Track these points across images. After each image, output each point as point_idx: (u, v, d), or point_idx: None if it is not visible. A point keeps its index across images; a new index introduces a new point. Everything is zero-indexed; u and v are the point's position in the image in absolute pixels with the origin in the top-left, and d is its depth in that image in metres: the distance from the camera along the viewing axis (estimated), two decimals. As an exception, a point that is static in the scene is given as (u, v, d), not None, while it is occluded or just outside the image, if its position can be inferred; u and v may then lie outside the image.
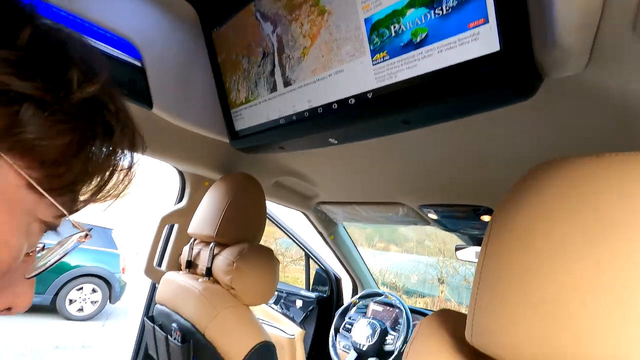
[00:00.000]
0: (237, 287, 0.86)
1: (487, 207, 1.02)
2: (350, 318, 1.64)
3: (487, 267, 0.35)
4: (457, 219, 1.15)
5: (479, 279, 0.36)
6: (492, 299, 0.33)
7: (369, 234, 10.24)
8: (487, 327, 0.33)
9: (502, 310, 0.32)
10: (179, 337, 0.82)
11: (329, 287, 2.03)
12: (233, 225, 0.93)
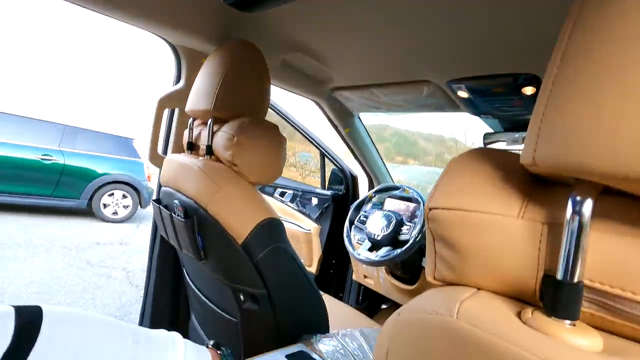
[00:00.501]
0: (239, 163, 0.79)
1: (532, 75, 0.85)
2: (365, 212, 1.62)
3: (567, 66, 0.24)
4: (492, 96, 0.99)
5: (549, 88, 0.25)
6: (567, 108, 0.23)
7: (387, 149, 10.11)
8: (560, 141, 0.23)
9: (586, 117, 0.21)
10: (182, 212, 0.78)
11: (344, 185, 1.99)
12: (232, 97, 0.82)
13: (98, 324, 0.41)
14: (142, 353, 0.42)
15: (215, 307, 0.91)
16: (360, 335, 0.87)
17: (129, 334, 0.43)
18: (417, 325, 0.30)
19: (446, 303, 0.29)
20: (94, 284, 2.75)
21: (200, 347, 0.51)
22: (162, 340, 0.46)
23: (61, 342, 0.36)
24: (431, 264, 0.34)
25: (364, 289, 1.91)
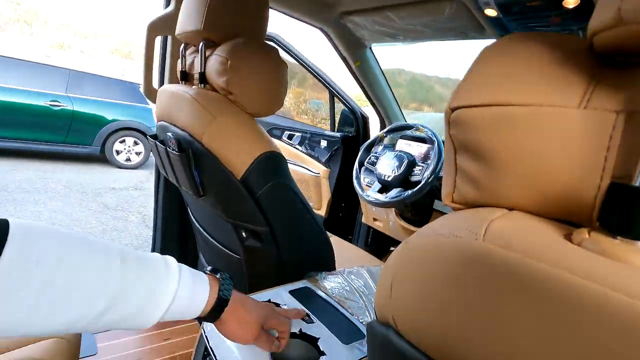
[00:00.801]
0: (235, 91, 0.71)
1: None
2: (376, 153, 1.55)
3: None
4: (526, 13, 0.85)
5: None
6: None
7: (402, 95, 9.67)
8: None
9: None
10: (176, 145, 0.73)
11: (355, 127, 1.90)
12: (224, 16, 0.72)
13: (79, 241, 0.36)
14: (131, 273, 0.38)
15: (219, 245, 0.90)
16: (366, 272, 0.85)
17: (116, 253, 0.38)
18: (430, 250, 0.24)
19: (469, 224, 0.23)
20: (112, 226, 2.85)
21: (197, 271, 0.48)
22: (154, 262, 0.42)
23: (32, 258, 0.31)
24: (450, 184, 0.28)
25: (373, 231, 1.90)
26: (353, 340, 0.58)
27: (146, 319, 0.40)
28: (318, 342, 0.58)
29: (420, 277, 0.25)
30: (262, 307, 0.53)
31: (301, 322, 0.61)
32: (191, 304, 0.44)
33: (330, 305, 0.69)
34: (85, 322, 0.35)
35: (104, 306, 0.36)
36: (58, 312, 0.33)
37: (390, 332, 0.27)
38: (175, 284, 0.42)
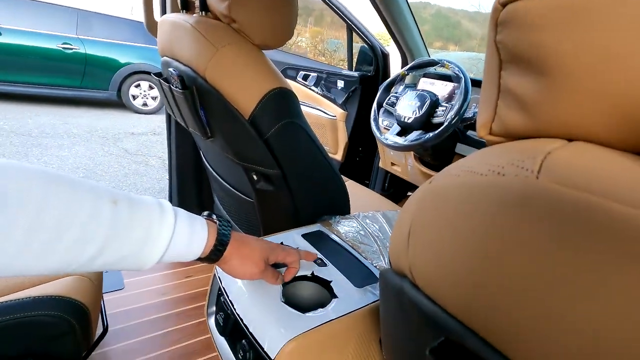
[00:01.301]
0: (238, 18, 0.64)
1: None
2: (396, 93, 1.45)
3: None
4: None
5: None
6: None
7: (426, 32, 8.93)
8: None
9: None
10: (178, 82, 0.68)
11: (374, 65, 1.77)
12: None
13: (65, 181, 0.34)
14: (123, 216, 0.36)
15: (232, 188, 0.88)
16: (382, 217, 0.82)
17: (107, 195, 0.36)
18: (460, 192, 0.20)
19: (515, 158, 0.18)
20: (133, 170, 2.92)
21: (194, 215, 0.46)
22: (148, 205, 0.40)
23: (15, 198, 0.29)
24: (488, 111, 0.22)
25: (390, 176, 1.86)
26: (366, 284, 0.57)
27: (143, 261, 0.40)
28: (330, 284, 0.57)
29: (446, 223, 0.21)
30: (264, 241, 0.53)
31: (313, 265, 0.60)
32: (190, 246, 0.43)
33: (343, 249, 0.67)
34: (78, 263, 0.35)
35: (96, 249, 0.35)
36: (50, 253, 0.32)
37: (406, 284, 0.24)
38: (171, 227, 0.41)
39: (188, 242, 0.43)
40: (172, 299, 1.14)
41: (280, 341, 0.47)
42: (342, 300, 0.53)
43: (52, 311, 0.59)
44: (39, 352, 0.60)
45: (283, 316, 0.50)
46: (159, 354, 0.93)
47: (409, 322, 0.24)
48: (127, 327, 0.99)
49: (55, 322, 0.59)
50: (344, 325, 0.51)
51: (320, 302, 0.58)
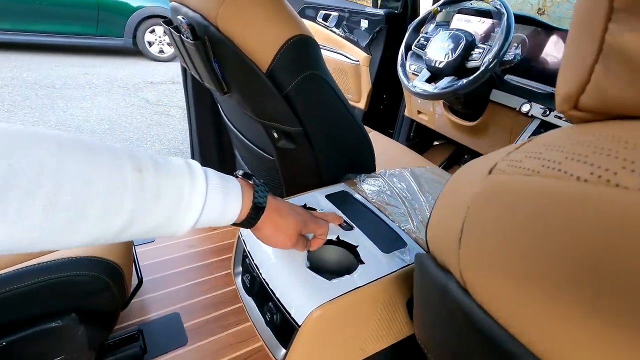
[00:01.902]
0: (250, -46, 0.56)
1: None
2: (427, 33, 1.31)
3: None
4: None
5: None
6: None
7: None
8: None
9: None
10: (189, 32, 0.62)
11: (402, 1, 1.60)
12: None
13: (82, 149, 0.30)
14: (150, 184, 0.34)
15: (252, 145, 0.85)
16: (409, 175, 0.78)
17: (129, 161, 0.33)
18: (540, 199, 0.15)
19: (624, 153, 0.13)
20: (155, 121, 2.92)
21: (227, 177, 0.43)
22: (176, 170, 0.37)
23: (27, 174, 0.26)
24: (578, 76, 0.16)
25: (416, 125, 1.77)
26: (393, 249, 0.55)
27: (175, 229, 0.38)
28: (357, 249, 0.55)
29: (521, 238, 0.16)
30: (299, 212, 0.50)
31: (339, 229, 0.59)
32: (224, 212, 0.41)
33: (369, 210, 0.64)
34: (108, 237, 0.33)
35: (123, 222, 0.33)
36: (73, 232, 0.30)
37: (452, 284, 0.21)
38: (203, 193, 0.38)
39: (222, 208, 0.41)
40: (200, 251, 1.18)
41: (307, 308, 0.46)
42: (369, 267, 0.52)
43: (88, 271, 0.61)
44: (81, 307, 0.63)
45: (309, 283, 0.49)
46: (191, 303, 0.99)
47: (453, 324, 0.21)
48: (159, 278, 1.05)
49: (91, 281, 0.62)
50: (370, 291, 0.50)
51: (346, 267, 0.57)
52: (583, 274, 0.13)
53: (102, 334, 0.70)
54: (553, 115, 1.06)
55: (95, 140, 0.33)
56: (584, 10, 0.17)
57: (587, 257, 0.13)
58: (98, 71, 3.91)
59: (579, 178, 0.14)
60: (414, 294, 0.31)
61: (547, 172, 0.16)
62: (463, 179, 0.22)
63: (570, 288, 0.14)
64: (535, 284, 0.15)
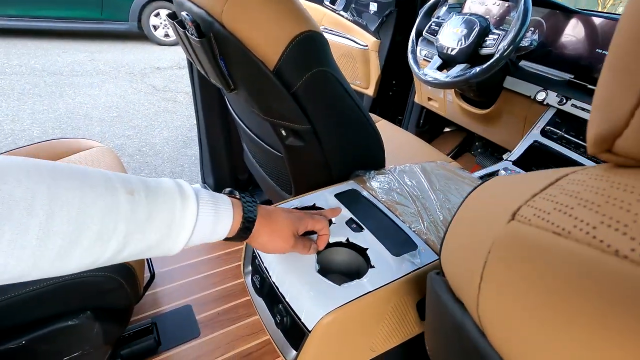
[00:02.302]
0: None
1: None
2: (439, 17, 1.26)
3: None
4: None
5: None
6: None
7: None
8: None
9: None
10: (194, 29, 0.61)
11: (413, -18, 1.54)
12: None
13: (74, 176, 0.31)
14: (142, 206, 0.34)
15: (260, 141, 0.84)
16: (420, 171, 0.77)
17: (121, 184, 0.34)
18: (569, 266, 0.13)
19: None
20: (163, 108, 2.92)
21: (217, 195, 0.44)
22: (167, 191, 0.37)
23: (21, 203, 0.27)
24: (616, 112, 0.14)
25: (426, 111, 1.73)
26: (403, 252, 0.55)
27: (168, 249, 0.39)
28: (366, 252, 0.55)
29: (544, 301, 0.15)
30: (291, 212, 0.50)
31: (349, 230, 0.58)
32: (214, 230, 0.42)
33: (379, 210, 0.64)
34: (102, 261, 0.33)
35: (117, 244, 0.33)
36: (67, 257, 0.30)
37: (469, 322, 0.20)
38: (194, 214, 0.39)
39: (213, 227, 0.41)
40: (209, 244, 1.19)
41: (317, 314, 0.46)
42: (379, 271, 0.52)
43: (101, 272, 0.62)
44: (95, 305, 0.65)
45: (319, 288, 0.49)
46: (202, 296, 1.01)
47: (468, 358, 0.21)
48: (171, 271, 1.07)
49: (104, 281, 0.63)
50: (380, 296, 0.49)
51: (356, 270, 0.57)
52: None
53: (117, 330, 0.71)
54: (570, 104, 1.03)
55: (89, 168, 0.34)
56: (622, 51, 0.15)
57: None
58: (104, 57, 3.89)
59: (617, 252, 0.13)
60: (426, 312, 0.30)
61: (579, 235, 0.15)
62: (482, 209, 0.21)
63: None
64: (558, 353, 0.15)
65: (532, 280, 0.16)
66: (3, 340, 0.59)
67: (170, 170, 2.07)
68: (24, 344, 0.59)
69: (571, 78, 1.07)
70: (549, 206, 0.17)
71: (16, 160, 0.29)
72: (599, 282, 0.13)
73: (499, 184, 0.22)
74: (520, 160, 1.06)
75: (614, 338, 0.12)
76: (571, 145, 0.99)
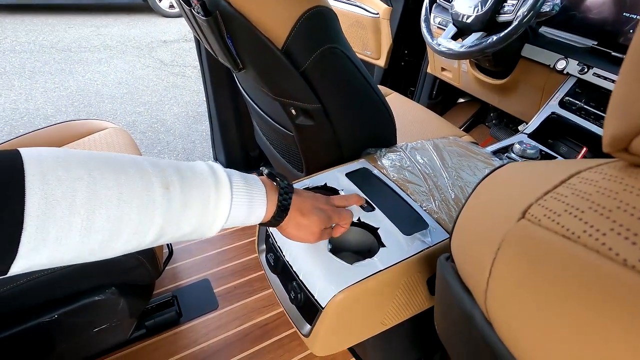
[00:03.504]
0: None
1: None
2: (454, -18, 1.19)
3: None
4: None
5: None
6: None
7: None
8: None
9: None
10: (199, 7, 0.59)
11: (427, -58, 1.44)
12: None
13: (110, 169, 0.31)
14: (177, 199, 0.35)
15: (271, 119, 0.84)
16: (431, 147, 0.76)
17: (156, 177, 0.34)
18: (574, 274, 0.13)
19: None
20: (172, 83, 2.90)
21: (252, 180, 0.43)
22: (200, 177, 0.38)
23: (61, 201, 0.27)
24: (632, 115, 0.14)
25: (439, 82, 1.68)
26: (415, 231, 0.55)
27: (200, 235, 0.40)
28: (378, 231, 0.56)
29: (551, 305, 0.16)
30: (322, 208, 0.49)
31: (360, 210, 0.59)
32: (249, 216, 0.42)
33: (390, 189, 0.64)
34: (140, 248, 0.35)
35: (154, 235, 0.34)
36: (109, 248, 0.32)
37: (478, 314, 0.21)
38: (228, 201, 0.39)
39: (247, 213, 0.42)
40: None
41: (330, 292, 0.48)
42: (390, 250, 0.53)
43: (121, 250, 0.65)
44: (119, 282, 0.68)
45: (332, 267, 0.50)
46: (219, 270, 1.05)
47: (477, 349, 0.22)
48: (188, 247, 1.11)
49: (126, 260, 0.66)
50: (391, 274, 0.51)
51: (368, 249, 0.58)
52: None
53: (141, 304, 0.76)
54: (592, 73, 0.98)
55: (123, 158, 0.34)
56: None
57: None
58: (110, 31, 3.84)
59: (625, 262, 0.13)
60: (436, 294, 0.31)
61: (588, 240, 0.15)
62: (494, 200, 0.21)
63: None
64: (562, 357, 0.15)
65: (539, 283, 0.16)
66: (37, 315, 0.63)
67: (182, 147, 2.09)
68: (57, 318, 0.64)
69: (594, 45, 1.01)
70: (560, 207, 0.17)
71: (54, 154, 0.29)
72: (605, 290, 0.13)
73: (512, 174, 0.22)
74: (536, 133, 1.03)
75: (617, 348, 0.13)
76: (590, 117, 0.96)
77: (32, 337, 0.63)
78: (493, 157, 0.75)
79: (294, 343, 0.90)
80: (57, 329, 0.65)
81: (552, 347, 0.15)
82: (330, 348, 0.54)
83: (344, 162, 0.71)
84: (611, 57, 0.96)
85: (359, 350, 0.84)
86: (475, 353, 0.22)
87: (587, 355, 0.14)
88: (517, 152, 0.90)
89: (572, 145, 1.03)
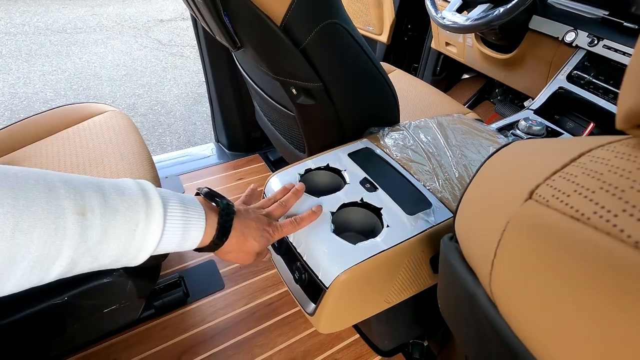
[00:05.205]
0: None
1: None
2: (460, -49, 1.14)
3: None
4: None
5: None
6: None
7: None
8: None
9: None
10: (194, -16, 0.57)
11: None
12: None
13: (12, 189, 0.26)
14: (95, 224, 0.30)
15: (272, 100, 0.82)
16: (435, 125, 0.75)
17: (70, 202, 0.29)
18: (583, 256, 0.13)
19: None
20: (170, 63, 2.85)
21: (190, 201, 0.39)
22: (129, 202, 0.33)
23: None
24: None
25: (443, 57, 1.64)
26: (418, 211, 0.55)
27: (124, 265, 0.36)
28: (381, 211, 0.55)
29: (557, 289, 0.15)
30: (262, 237, 0.47)
31: (363, 191, 0.58)
32: (182, 242, 0.38)
33: (393, 169, 0.63)
34: (47, 281, 0.30)
35: (63, 267, 0.30)
36: (3, 281, 0.27)
37: (481, 294, 0.21)
38: (159, 228, 0.35)
39: (180, 240, 0.38)
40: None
41: (333, 272, 0.48)
42: (393, 230, 0.53)
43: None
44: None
45: (335, 248, 0.51)
46: (225, 251, 1.06)
47: (480, 330, 0.22)
48: (193, 228, 1.11)
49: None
50: (394, 254, 0.51)
51: (371, 229, 0.58)
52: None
53: (148, 285, 0.77)
54: (602, 45, 0.95)
55: (31, 175, 0.29)
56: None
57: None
58: (105, 10, 3.75)
59: (637, 244, 0.12)
60: (439, 273, 0.31)
61: (599, 222, 0.14)
62: (499, 179, 0.20)
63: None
64: (570, 341, 0.15)
65: (546, 266, 0.16)
66: (48, 297, 0.64)
67: (184, 129, 2.08)
68: (67, 300, 0.65)
69: (605, 15, 0.97)
70: (569, 187, 0.16)
71: None
72: (616, 273, 0.13)
73: (518, 153, 0.21)
74: (542, 109, 1.01)
75: (626, 329, 0.12)
76: (599, 91, 0.93)
77: (44, 319, 0.65)
78: (498, 134, 0.73)
79: (300, 320, 0.92)
80: (68, 311, 0.67)
81: (560, 330, 0.15)
82: (335, 326, 0.55)
83: (347, 142, 0.70)
84: (623, 27, 0.93)
85: (364, 326, 0.86)
86: (478, 332, 0.22)
87: (595, 338, 0.13)
88: (523, 128, 0.89)
89: (579, 120, 1.01)
